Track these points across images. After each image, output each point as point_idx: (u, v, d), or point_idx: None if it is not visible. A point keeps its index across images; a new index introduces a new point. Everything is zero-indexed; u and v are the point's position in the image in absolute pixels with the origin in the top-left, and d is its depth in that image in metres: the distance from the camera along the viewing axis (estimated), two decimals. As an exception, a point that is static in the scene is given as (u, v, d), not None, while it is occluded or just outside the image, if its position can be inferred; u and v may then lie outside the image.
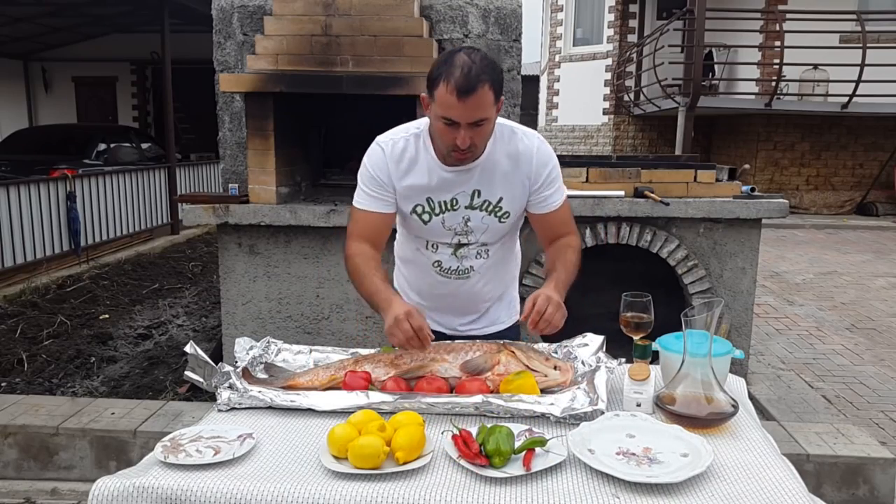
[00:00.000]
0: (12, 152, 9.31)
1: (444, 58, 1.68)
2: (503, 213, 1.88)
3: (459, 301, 2.02)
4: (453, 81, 1.62)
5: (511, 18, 3.78)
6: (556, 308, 1.70)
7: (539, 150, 1.86)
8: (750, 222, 3.85)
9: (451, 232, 1.89)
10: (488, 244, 1.93)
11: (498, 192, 1.85)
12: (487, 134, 1.75)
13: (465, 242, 1.91)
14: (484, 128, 1.70)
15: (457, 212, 1.87)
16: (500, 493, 1.24)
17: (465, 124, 1.66)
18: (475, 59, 1.65)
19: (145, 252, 8.01)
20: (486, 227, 1.89)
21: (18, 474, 3.09)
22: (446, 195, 1.85)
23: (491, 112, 1.68)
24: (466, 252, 1.92)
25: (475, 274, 1.96)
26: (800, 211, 11.00)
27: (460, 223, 1.88)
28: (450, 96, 1.63)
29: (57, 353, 4.61)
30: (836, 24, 9.64)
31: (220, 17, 3.84)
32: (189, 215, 3.65)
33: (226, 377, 1.62)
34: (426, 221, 1.89)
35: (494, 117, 1.73)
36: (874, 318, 5.67)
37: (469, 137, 1.68)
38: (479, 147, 1.76)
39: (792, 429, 3.17)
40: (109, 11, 10.68)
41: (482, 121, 1.68)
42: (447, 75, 1.63)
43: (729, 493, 1.22)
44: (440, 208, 1.87)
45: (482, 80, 1.62)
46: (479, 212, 1.87)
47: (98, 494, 1.26)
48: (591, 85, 13.76)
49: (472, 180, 1.83)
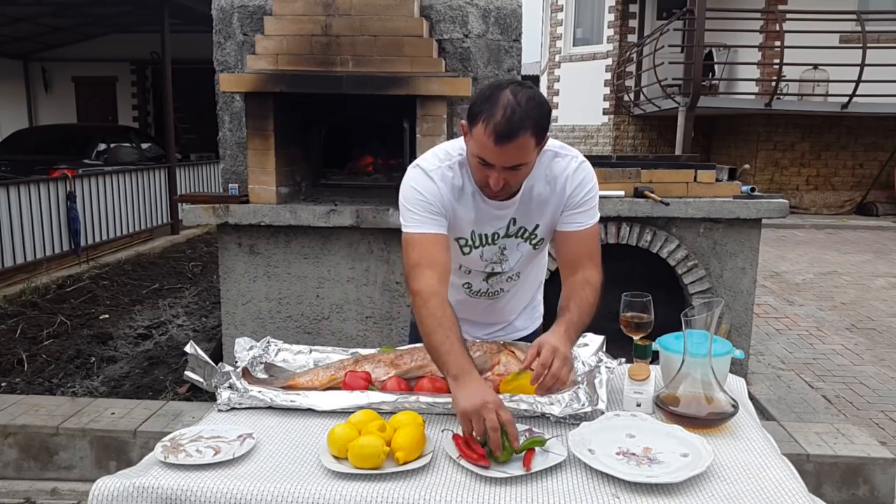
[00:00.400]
0: (12, 152, 9.30)
1: (488, 92, 1.56)
2: (538, 240, 1.82)
3: (485, 316, 1.99)
4: (492, 125, 1.51)
5: (511, 18, 3.78)
6: (562, 362, 1.54)
7: (577, 170, 1.76)
8: (750, 222, 3.85)
9: (486, 262, 1.85)
10: (521, 271, 1.89)
11: (535, 220, 1.78)
12: (524, 176, 1.65)
13: (498, 272, 1.86)
14: (522, 171, 1.61)
15: (495, 245, 1.81)
16: (500, 493, 1.24)
17: (500, 167, 1.57)
18: (521, 100, 1.52)
19: (145, 252, 8.01)
20: (521, 254, 1.84)
21: (18, 474, 3.09)
22: (488, 228, 1.78)
23: (530, 157, 1.59)
24: (498, 280, 1.89)
25: (505, 295, 1.93)
26: (800, 211, 11.00)
27: (496, 254, 1.83)
28: (487, 139, 1.52)
29: (57, 353, 4.60)
30: (836, 24, 9.64)
31: (220, 17, 3.84)
32: (189, 215, 3.65)
33: (226, 377, 1.62)
34: (466, 253, 1.82)
35: (535, 159, 1.63)
36: (874, 318, 5.67)
37: (503, 179, 1.59)
38: (514, 187, 1.67)
39: (792, 429, 3.17)
40: (109, 11, 10.68)
41: (519, 165, 1.59)
42: (488, 116, 1.52)
43: (729, 493, 1.22)
44: (480, 241, 1.80)
45: (525, 127, 1.51)
46: (514, 239, 1.81)
47: (98, 494, 1.26)
48: (591, 85, 13.76)
49: (512, 210, 1.76)
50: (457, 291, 1.89)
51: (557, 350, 1.54)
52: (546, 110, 1.58)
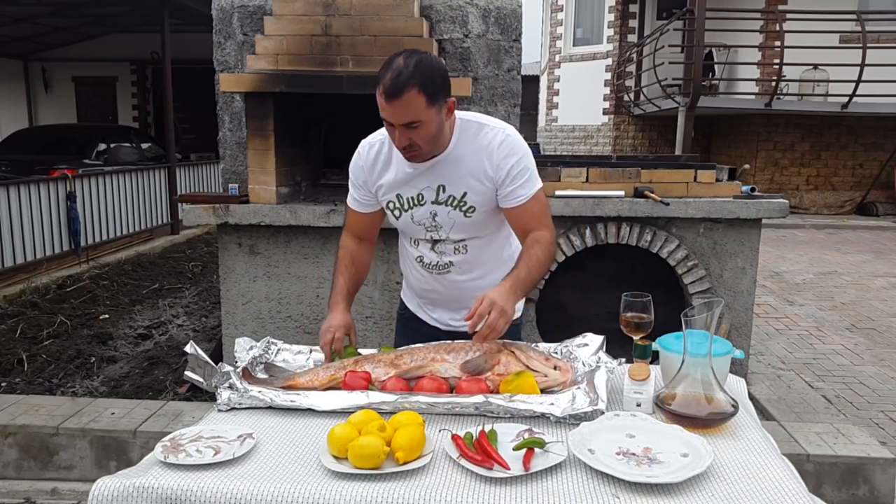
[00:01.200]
0: (12, 152, 9.31)
1: (387, 60, 1.72)
2: (468, 207, 1.88)
3: (446, 296, 2.04)
4: (382, 85, 1.68)
5: (511, 18, 3.78)
6: (499, 314, 1.65)
7: (503, 144, 1.84)
8: (750, 222, 3.85)
9: (421, 227, 1.94)
10: (465, 239, 1.94)
11: (462, 187, 1.86)
12: (430, 135, 1.75)
13: (439, 238, 1.94)
14: (420, 129, 1.72)
15: (423, 207, 1.90)
16: (500, 493, 1.24)
17: (399, 125, 1.71)
18: (409, 63, 1.67)
19: (145, 252, 8.01)
20: (453, 221, 1.91)
21: (18, 474, 3.09)
22: (412, 191, 1.90)
23: (423, 115, 1.70)
24: (444, 248, 1.96)
25: (455, 269, 1.98)
26: (800, 211, 11.00)
27: (427, 218, 1.91)
28: (380, 98, 1.69)
29: (57, 353, 4.61)
30: (836, 24, 9.64)
31: (220, 17, 3.84)
32: (189, 215, 3.65)
33: (226, 377, 1.62)
34: (397, 217, 1.96)
35: (436, 119, 1.73)
36: (874, 318, 5.67)
37: (407, 138, 1.73)
38: (424, 147, 1.77)
39: (792, 429, 3.17)
40: (109, 11, 10.68)
41: (414, 123, 1.70)
42: (381, 77, 1.69)
43: (729, 493, 1.22)
44: (408, 204, 1.92)
45: (410, 85, 1.65)
46: (444, 207, 1.89)
47: (98, 494, 1.26)
48: (591, 85, 13.76)
49: (436, 175, 1.86)
50: (413, 268, 2.06)
51: (495, 303, 1.66)
52: (436, 72, 1.72)
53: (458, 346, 1.74)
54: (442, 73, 1.76)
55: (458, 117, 1.87)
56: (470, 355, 1.69)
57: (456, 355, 1.70)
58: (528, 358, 1.67)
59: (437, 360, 1.69)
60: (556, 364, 1.67)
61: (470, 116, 1.89)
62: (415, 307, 2.18)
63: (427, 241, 1.96)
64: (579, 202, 3.75)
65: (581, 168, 3.91)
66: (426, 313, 2.14)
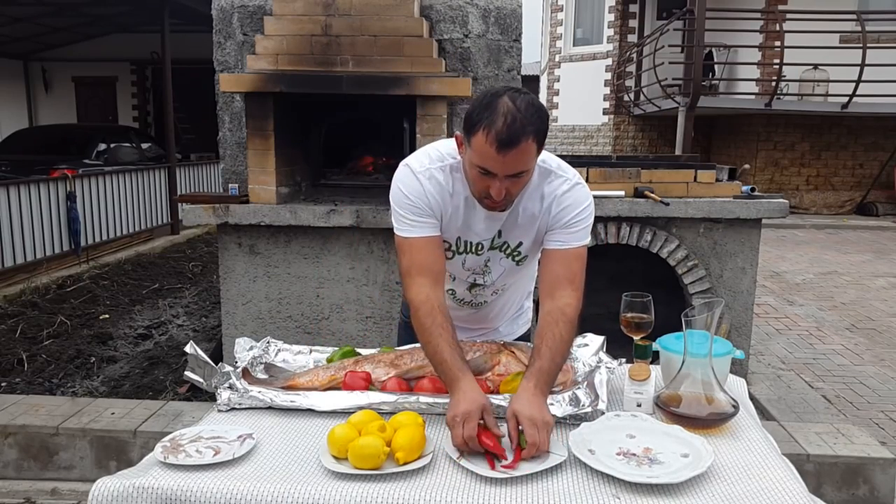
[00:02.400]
0: (12, 152, 9.30)
1: (486, 101, 1.52)
2: (521, 257, 1.80)
3: (470, 322, 1.99)
4: (494, 132, 1.47)
5: (511, 18, 3.78)
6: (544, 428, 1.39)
7: (570, 193, 1.70)
8: (750, 222, 3.85)
9: (469, 272, 1.83)
10: (506, 283, 1.88)
11: (519, 236, 1.75)
12: (525, 183, 1.62)
13: (481, 283, 1.85)
14: (522, 179, 1.58)
15: (480, 256, 1.79)
16: (500, 493, 1.23)
17: (503, 176, 1.53)
18: (520, 106, 1.49)
19: (145, 252, 8.01)
20: (504, 269, 1.82)
21: (18, 474, 3.09)
22: (474, 237, 1.76)
23: (532, 164, 1.56)
24: (481, 292, 1.88)
25: (487, 307, 1.93)
26: (800, 211, 11.00)
27: (480, 265, 1.81)
28: (489, 148, 1.49)
29: (57, 353, 4.60)
30: (836, 24, 9.64)
31: (220, 17, 3.84)
32: (189, 215, 3.65)
33: (226, 377, 1.62)
34: (449, 258, 1.79)
35: (535, 166, 1.61)
36: (874, 318, 5.67)
37: (505, 188, 1.56)
38: (515, 196, 1.63)
39: (792, 429, 3.17)
40: (109, 11, 10.68)
41: (522, 173, 1.56)
42: (488, 124, 1.48)
43: (729, 493, 1.22)
44: (466, 248, 1.78)
45: (526, 133, 1.48)
46: (498, 252, 1.79)
47: (98, 494, 1.26)
48: (591, 85, 13.75)
49: (500, 222, 1.74)
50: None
51: (535, 420, 1.39)
52: (545, 115, 1.55)
53: (459, 346, 1.73)
54: (548, 115, 1.58)
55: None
56: (470, 355, 1.69)
57: (456, 355, 1.69)
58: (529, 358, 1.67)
59: (437, 361, 1.69)
60: (556, 364, 1.67)
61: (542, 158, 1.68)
62: None
63: (466, 282, 1.86)
64: (579, 202, 3.75)
65: (581, 168, 3.90)
66: None
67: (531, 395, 1.46)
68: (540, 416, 1.40)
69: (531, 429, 1.37)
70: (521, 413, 1.40)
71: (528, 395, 1.45)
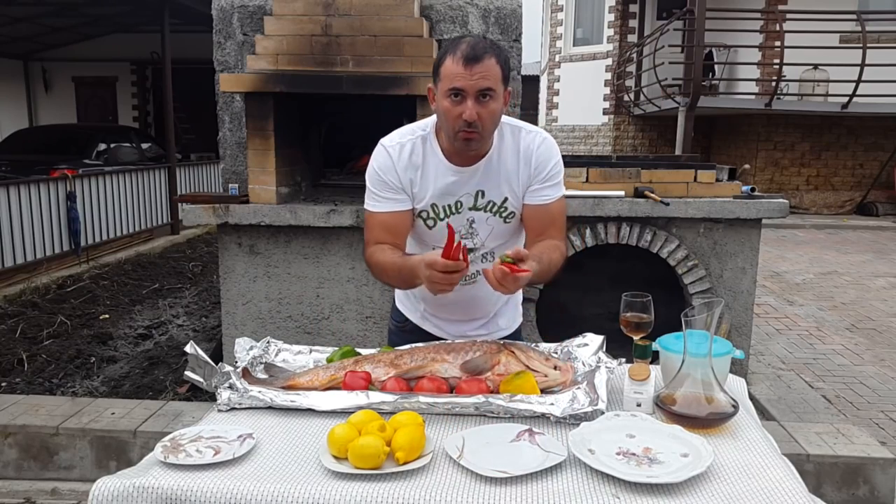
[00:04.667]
0: (12, 152, 9.30)
1: (450, 40, 1.73)
2: (508, 213, 1.85)
3: (467, 307, 1.98)
4: (460, 52, 1.65)
5: (511, 18, 3.78)
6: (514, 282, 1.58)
7: (541, 146, 1.82)
8: (750, 222, 3.85)
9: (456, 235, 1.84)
10: (495, 247, 1.89)
11: (503, 192, 1.82)
12: (494, 114, 1.70)
13: (471, 247, 1.87)
14: (490, 105, 1.68)
15: (461, 214, 1.84)
16: (500, 493, 1.23)
17: (473, 94, 1.65)
18: (481, 38, 1.71)
19: (145, 252, 8.01)
20: (492, 228, 1.86)
21: (18, 474, 3.09)
22: (450, 199, 1.82)
23: (498, 86, 1.68)
24: (472, 258, 1.88)
25: (481, 279, 1.89)
26: (800, 211, 11.00)
27: (465, 225, 1.84)
28: (456, 66, 1.65)
29: (57, 353, 4.60)
30: (836, 24, 9.64)
31: (220, 17, 3.84)
32: (189, 215, 3.65)
33: (226, 377, 1.62)
34: (430, 227, 1.87)
35: (502, 101, 1.71)
36: (874, 318, 5.67)
37: (476, 112, 1.66)
38: (487, 128, 1.71)
39: (792, 429, 3.17)
40: (109, 11, 10.68)
41: (488, 91, 1.66)
42: (454, 49, 1.67)
43: (729, 493, 1.22)
44: (445, 212, 1.84)
45: (489, 53, 1.66)
46: (483, 213, 1.84)
47: (98, 494, 1.26)
48: (591, 85, 13.76)
49: (476, 180, 1.80)
50: None
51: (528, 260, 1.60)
52: (506, 53, 1.73)
53: (458, 346, 1.73)
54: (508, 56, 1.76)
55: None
56: (470, 355, 1.69)
57: (456, 355, 1.70)
58: (528, 358, 1.67)
59: (437, 360, 1.69)
60: (556, 364, 1.67)
61: (507, 119, 1.83)
62: (419, 318, 2.07)
63: None
64: (579, 202, 3.75)
65: (581, 168, 3.91)
66: (438, 327, 2.03)
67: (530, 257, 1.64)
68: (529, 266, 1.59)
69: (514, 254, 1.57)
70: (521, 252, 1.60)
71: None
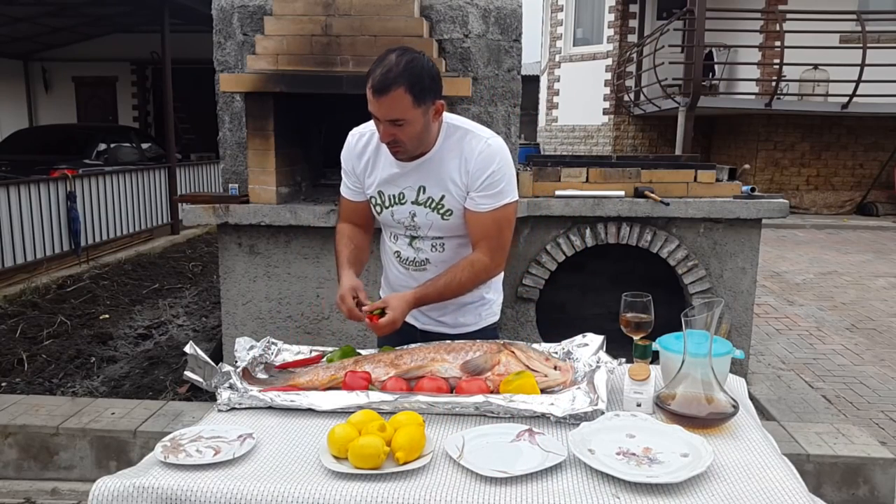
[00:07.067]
0: (12, 152, 9.30)
1: (381, 55, 1.75)
2: (445, 210, 1.91)
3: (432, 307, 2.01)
4: (372, 79, 1.72)
5: (511, 18, 3.78)
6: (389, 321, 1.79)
7: (482, 153, 1.84)
8: (750, 222, 3.85)
9: (400, 225, 1.96)
10: (443, 238, 1.96)
11: (441, 191, 1.88)
12: (415, 134, 1.78)
13: (416, 235, 1.96)
14: (405, 128, 1.75)
15: (404, 206, 1.93)
16: (500, 493, 1.24)
17: (384, 121, 1.75)
18: (401, 61, 1.70)
19: (145, 252, 8.01)
20: (431, 223, 1.93)
21: (18, 474, 3.09)
22: (395, 189, 1.92)
23: (409, 114, 1.73)
24: (421, 245, 1.97)
25: (431, 266, 1.98)
26: (800, 211, 11.00)
27: (407, 217, 1.94)
28: (369, 93, 1.73)
29: (57, 353, 4.60)
30: (836, 24, 9.64)
31: (220, 17, 3.84)
32: (189, 215, 3.65)
33: (226, 377, 1.62)
34: (378, 213, 1.99)
35: (422, 119, 1.76)
36: (874, 318, 5.67)
37: (391, 134, 1.76)
38: (407, 144, 1.80)
39: (792, 429, 3.17)
40: (109, 11, 10.69)
41: (398, 121, 1.74)
42: (371, 72, 1.73)
43: (729, 493, 1.22)
44: (389, 201, 1.94)
45: (398, 84, 1.69)
46: (423, 208, 1.91)
47: (98, 494, 1.26)
48: (591, 85, 13.76)
49: (419, 176, 1.89)
50: (391, 265, 2.09)
51: (389, 306, 1.81)
52: (426, 73, 1.73)
53: (458, 345, 1.74)
54: (432, 74, 1.76)
55: (446, 121, 1.88)
56: (470, 355, 1.69)
57: (456, 355, 1.70)
58: (529, 358, 1.67)
59: (437, 360, 1.69)
60: (556, 364, 1.67)
61: (459, 122, 1.90)
62: None
63: (405, 236, 1.98)
64: (579, 202, 3.76)
65: (581, 168, 3.91)
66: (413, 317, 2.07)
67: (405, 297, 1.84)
68: (398, 313, 1.79)
69: (388, 311, 1.78)
70: (389, 298, 1.83)
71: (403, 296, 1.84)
